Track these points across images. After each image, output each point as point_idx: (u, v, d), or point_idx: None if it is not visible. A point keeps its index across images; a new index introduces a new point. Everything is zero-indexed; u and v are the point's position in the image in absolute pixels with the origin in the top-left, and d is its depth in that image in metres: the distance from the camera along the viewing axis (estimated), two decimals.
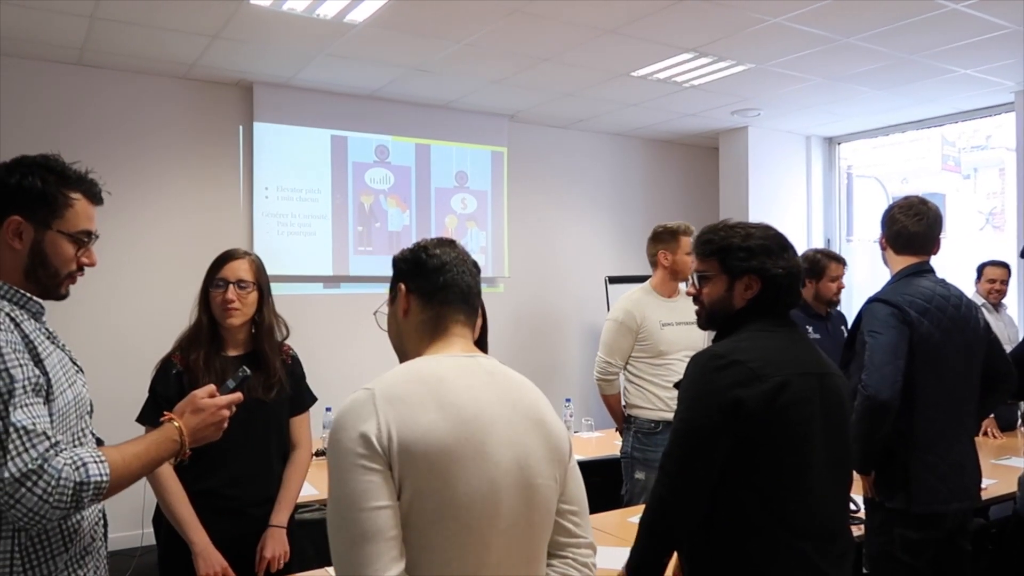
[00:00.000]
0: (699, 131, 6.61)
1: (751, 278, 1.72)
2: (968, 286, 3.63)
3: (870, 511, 2.35)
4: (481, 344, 1.47)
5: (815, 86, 5.17)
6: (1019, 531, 2.80)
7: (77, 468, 1.34)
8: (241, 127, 5.18)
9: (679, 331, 3.37)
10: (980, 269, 4.66)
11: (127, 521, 3.67)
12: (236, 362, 2.22)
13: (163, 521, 2.20)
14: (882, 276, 3.44)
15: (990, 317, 3.73)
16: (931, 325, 2.22)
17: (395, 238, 5.62)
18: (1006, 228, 5.89)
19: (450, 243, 1.45)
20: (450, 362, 1.32)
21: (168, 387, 2.18)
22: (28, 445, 1.32)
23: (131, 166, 4.81)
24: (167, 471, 2.10)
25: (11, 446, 1.30)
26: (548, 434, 1.32)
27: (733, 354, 1.63)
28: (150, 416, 2.17)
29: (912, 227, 2.35)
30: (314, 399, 2.53)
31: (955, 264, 5.19)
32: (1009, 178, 5.42)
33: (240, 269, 2.23)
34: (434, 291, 1.38)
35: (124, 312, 4.68)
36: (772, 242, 1.76)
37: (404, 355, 1.42)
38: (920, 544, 2.20)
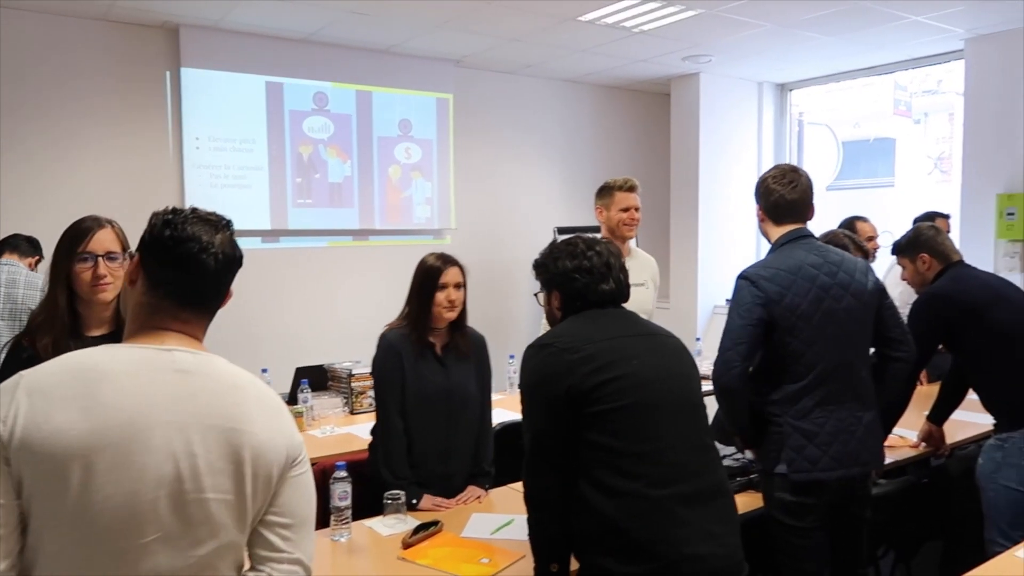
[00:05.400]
0: (650, 77, 6.47)
1: (553, 292, 1.95)
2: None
3: (760, 475, 2.39)
4: None
5: (766, 32, 5.05)
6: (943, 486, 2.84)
7: None
8: (168, 73, 4.89)
9: (632, 292, 3.28)
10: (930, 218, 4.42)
11: None
12: (98, 343, 2.05)
13: None
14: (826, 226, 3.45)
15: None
16: (796, 296, 2.22)
17: (336, 189, 5.43)
18: (952, 174, 5.89)
19: (214, 223, 1.27)
20: (127, 355, 1.20)
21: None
22: None
23: (48, 115, 4.53)
24: None
25: None
26: (240, 445, 1.19)
27: (545, 339, 1.86)
28: None
29: (788, 195, 2.35)
30: None
31: (905, 210, 5.18)
32: (958, 124, 5.40)
33: (107, 240, 2.01)
34: (161, 276, 1.24)
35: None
36: (562, 251, 1.94)
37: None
38: (798, 507, 2.22)
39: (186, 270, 1.23)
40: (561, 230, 6.14)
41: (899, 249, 2.92)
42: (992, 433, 2.73)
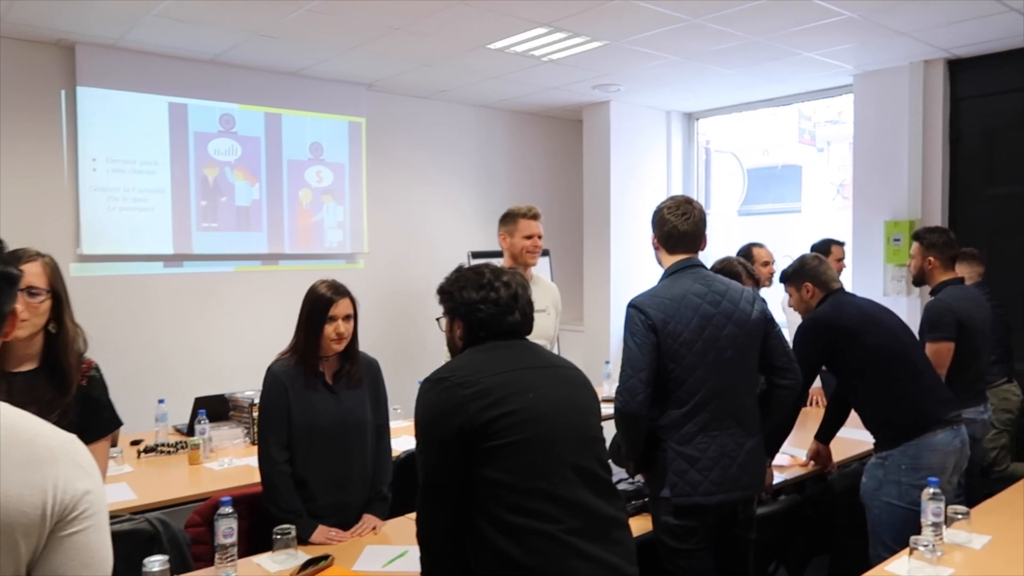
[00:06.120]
0: (563, 104, 6.59)
1: (456, 321, 1.90)
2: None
3: (648, 499, 2.45)
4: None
5: (671, 63, 5.22)
6: (830, 504, 2.95)
7: None
8: (63, 92, 4.71)
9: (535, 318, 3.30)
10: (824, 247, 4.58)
11: None
12: (24, 379, 1.96)
13: None
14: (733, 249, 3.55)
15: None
16: (678, 324, 2.28)
17: (243, 213, 5.32)
18: (852, 199, 6.19)
19: None
20: None
21: None
22: None
23: None
24: None
25: None
26: None
27: (440, 373, 1.80)
28: None
29: (680, 226, 2.42)
30: (115, 424, 2.23)
31: (810, 234, 5.41)
32: None
33: (31, 274, 1.92)
34: None
35: None
36: (468, 281, 1.89)
37: None
38: (682, 530, 2.28)
39: None
40: (475, 255, 6.16)
41: (785, 277, 3.05)
42: (873, 451, 2.86)
